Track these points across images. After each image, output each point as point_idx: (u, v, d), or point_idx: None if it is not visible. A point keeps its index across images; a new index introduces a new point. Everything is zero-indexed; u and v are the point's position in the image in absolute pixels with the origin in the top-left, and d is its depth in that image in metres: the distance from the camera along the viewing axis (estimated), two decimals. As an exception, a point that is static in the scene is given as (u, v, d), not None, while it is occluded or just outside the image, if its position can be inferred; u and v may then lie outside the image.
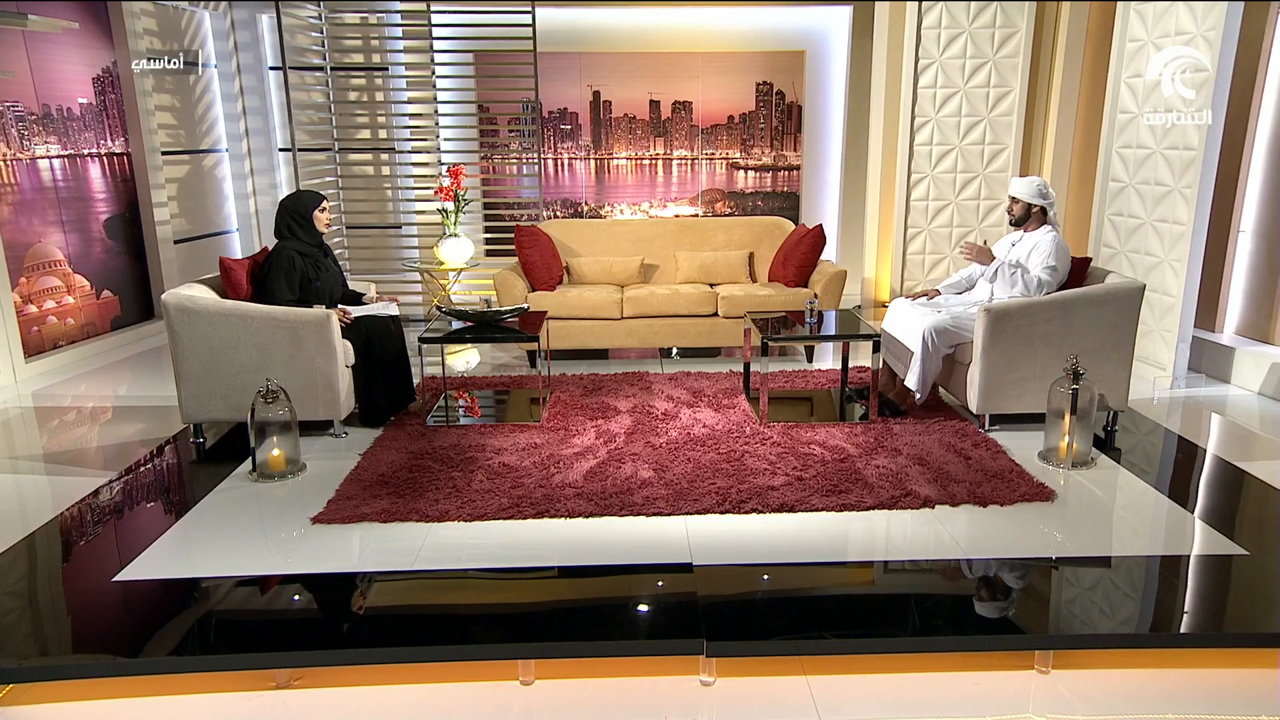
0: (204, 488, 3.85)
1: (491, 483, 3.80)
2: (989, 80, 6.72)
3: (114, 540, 3.48)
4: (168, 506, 3.80)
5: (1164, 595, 3.05)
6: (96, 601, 2.99)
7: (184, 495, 3.87)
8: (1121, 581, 3.08)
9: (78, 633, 2.86)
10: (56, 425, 4.92)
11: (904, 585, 3.14)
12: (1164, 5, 5.31)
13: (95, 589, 3.07)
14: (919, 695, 2.62)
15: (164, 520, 3.58)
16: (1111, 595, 3.01)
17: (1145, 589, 3.07)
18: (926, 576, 3.15)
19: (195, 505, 3.67)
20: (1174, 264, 5.30)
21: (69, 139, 6.44)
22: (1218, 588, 3.07)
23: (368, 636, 2.82)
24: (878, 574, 3.18)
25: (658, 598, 3.02)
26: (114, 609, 2.96)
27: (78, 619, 2.93)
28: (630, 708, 2.60)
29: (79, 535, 3.51)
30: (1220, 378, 5.43)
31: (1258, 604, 2.98)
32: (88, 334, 6.56)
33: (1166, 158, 5.31)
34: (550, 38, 7.53)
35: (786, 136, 8.07)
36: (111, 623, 2.91)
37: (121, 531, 3.57)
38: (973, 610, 2.96)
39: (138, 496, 3.94)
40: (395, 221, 8.05)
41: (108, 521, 3.65)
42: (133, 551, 3.27)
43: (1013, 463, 3.95)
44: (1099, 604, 2.96)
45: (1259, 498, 3.73)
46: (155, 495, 3.99)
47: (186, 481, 4.09)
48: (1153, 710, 2.52)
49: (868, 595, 3.07)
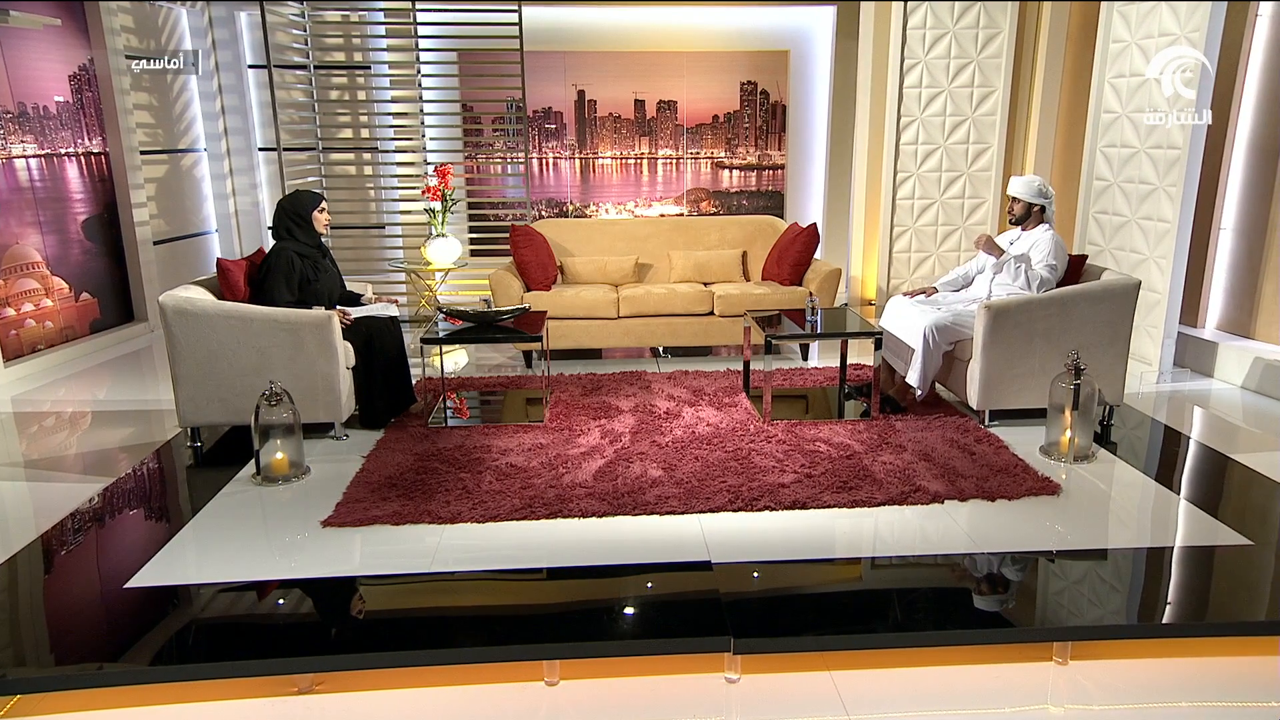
0: (207, 492, 3.78)
1: (501, 483, 3.77)
2: (973, 80, 6.80)
3: (121, 546, 3.41)
4: (172, 511, 3.73)
5: (1174, 586, 3.11)
6: (109, 609, 2.93)
7: (187, 500, 3.80)
8: (1133, 573, 3.13)
9: (91, 641, 2.79)
10: (37, 431, 4.80)
11: (922, 580, 3.16)
12: (1148, 6, 5.41)
13: (106, 596, 3.00)
14: (941, 688, 2.64)
15: (170, 525, 3.51)
16: (1123, 587, 3.06)
17: (1156, 581, 3.12)
18: (943, 571, 3.18)
19: (201, 510, 3.61)
20: (1159, 261, 5.40)
21: (46, 138, 6.30)
22: (1227, 578, 3.13)
23: (390, 640, 2.79)
24: (895, 569, 3.20)
25: (681, 596, 3.02)
26: (127, 616, 2.89)
27: (90, 627, 2.86)
28: (657, 706, 2.59)
29: (83, 542, 3.43)
30: (1204, 372, 5.54)
31: (1267, 592, 3.04)
32: (66, 337, 6.42)
33: (1151, 157, 5.41)
34: (535, 36, 7.49)
35: (771, 136, 8.11)
36: (126, 630, 2.84)
37: (127, 537, 3.49)
38: (990, 603, 3.00)
39: (140, 502, 3.87)
40: (378, 222, 7.98)
41: (112, 527, 3.57)
42: (142, 558, 3.21)
43: (1016, 458, 4.00)
44: (1112, 596, 3.01)
45: (1256, 489, 3.81)
46: (158, 500, 3.92)
47: (188, 486, 4.02)
48: (1167, 699, 2.57)
49: (887, 590, 3.08)
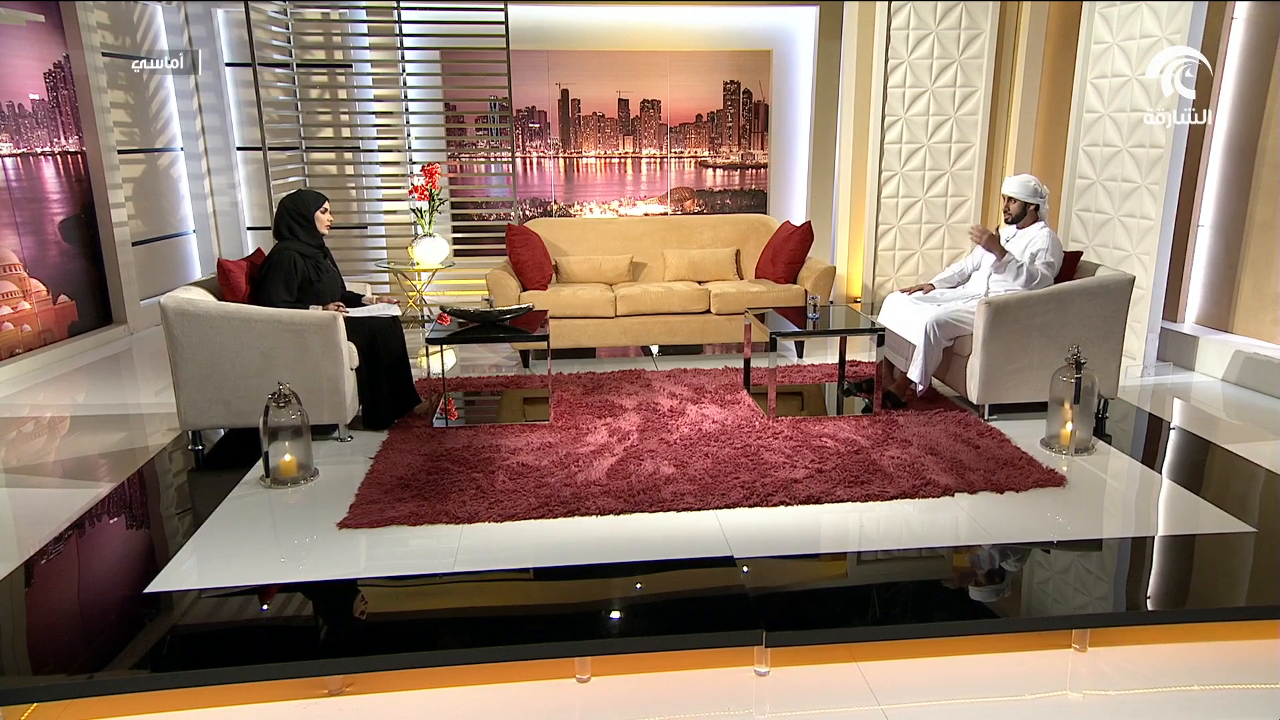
0: (215, 496, 3.72)
1: (515, 483, 3.77)
2: (955, 80, 6.91)
3: (133, 551, 3.35)
4: (182, 515, 3.66)
5: (1184, 572, 3.19)
6: (127, 614, 2.87)
7: (196, 504, 3.74)
8: (1144, 561, 3.21)
9: (112, 647, 2.72)
10: (16, 437, 4.69)
11: (941, 571, 3.22)
12: (1129, 8, 5.53)
13: (125, 602, 2.95)
14: (964, 676, 2.69)
15: (182, 529, 3.45)
16: (1136, 574, 3.14)
17: (1168, 568, 3.21)
18: (960, 562, 3.23)
19: (212, 514, 3.55)
20: (1142, 257, 5.53)
21: (21, 136, 6.16)
22: (1233, 564, 3.21)
23: (421, 640, 2.78)
24: (913, 561, 3.25)
25: (708, 591, 3.04)
26: (148, 621, 2.84)
27: (110, 633, 2.80)
28: (689, 701, 2.61)
29: (94, 548, 3.36)
30: (1185, 365, 5.69)
31: (1276, 577, 3.13)
32: (45, 341, 6.28)
33: (1133, 155, 5.54)
34: (518, 35, 7.47)
35: (754, 135, 8.17)
36: (147, 635, 2.78)
37: (140, 542, 3.44)
38: (1009, 592, 3.06)
39: (149, 507, 3.81)
40: (360, 222, 7.90)
41: (124, 533, 3.51)
42: (157, 562, 3.16)
43: (1019, 450, 4.08)
44: (1125, 584, 3.09)
45: (1251, 476, 3.91)
46: (166, 505, 3.85)
47: (194, 490, 3.96)
48: (1181, 683, 2.64)
49: (908, 582, 3.13)
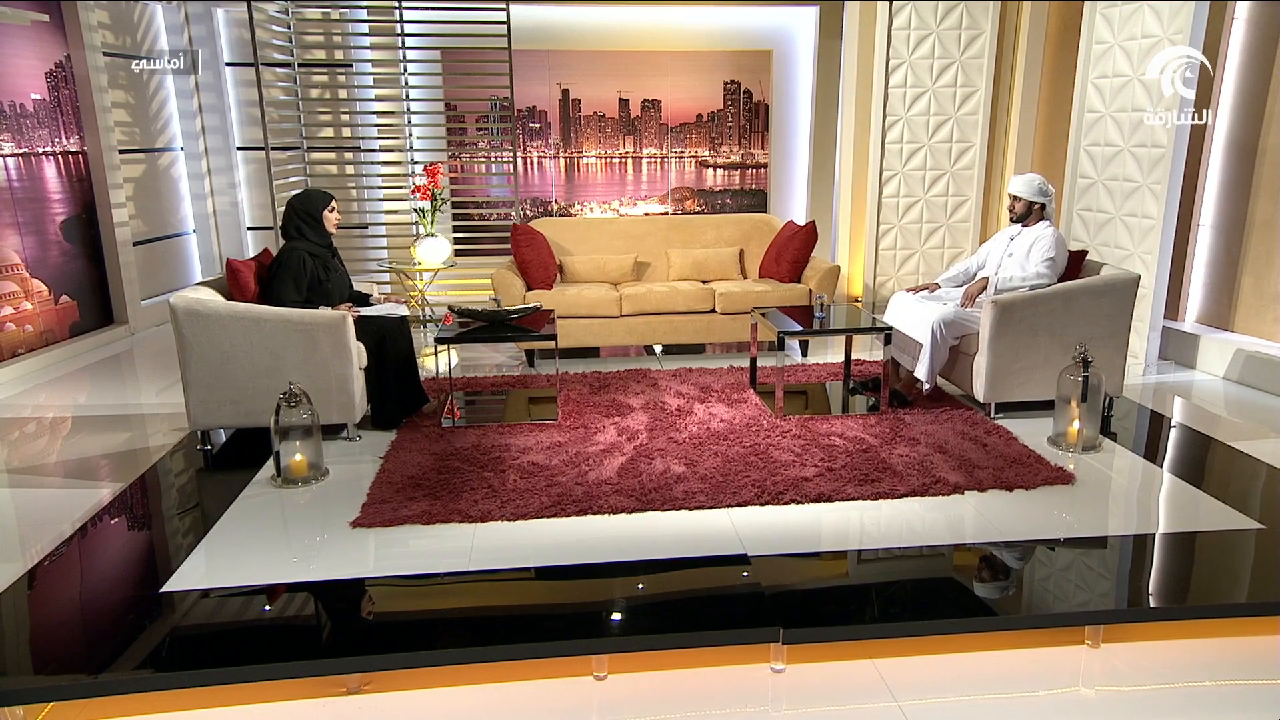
0: (226, 496, 3.72)
1: (526, 482, 3.77)
2: (956, 80, 6.94)
3: (147, 551, 3.35)
4: (194, 515, 3.65)
5: (1197, 568, 3.22)
6: (143, 613, 2.87)
7: (207, 504, 3.73)
8: (1155, 558, 3.24)
9: (126, 646, 2.72)
10: (18, 438, 4.68)
11: (954, 569, 3.23)
12: (1131, 7, 5.56)
13: (142, 601, 2.94)
14: (979, 672, 2.71)
15: (195, 529, 3.45)
16: (1147, 571, 3.16)
17: (1178, 564, 3.23)
18: (973, 559, 3.25)
19: (224, 513, 3.55)
20: (1144, 256, 5.57)
21: (23, 136, 6.14)
22: (1242, 561, 3.23)
23: (439, 638, 2.78)
24: (926, 559, 3.27)
25: (723, 589, 3.06)
26: (163, 620, 2.84)
27: (128, 632, 2.80)
28: (707, 697, 2.62)
29: (108, 548, 3.37)
30: (1186, 364, 5.72)
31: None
32: (47, 341, 6.26)
33: (1134, 155, 5.57)
34: (519, 35, 7.46)
35: (754, 135, 8.18)
36: (165, 634, 2.79)
37: (152, 542, 3.43)
38: (1022, 589, 3.08)
39: (158, 506, 3.80)
40: (361, 222, 7.89)
41: (137, 533, 3.51)
42: (171, 562, 3.16)
43: (1027, 448, 4.10)
44: (1136, 581, 3.11)
45: (1257, 473, 3.94)
46: (177, 504, 3.85)
47: (205, 490, 3.95)
48: (1192, 678, 2.66)
49: (922, 579, 3.15)
